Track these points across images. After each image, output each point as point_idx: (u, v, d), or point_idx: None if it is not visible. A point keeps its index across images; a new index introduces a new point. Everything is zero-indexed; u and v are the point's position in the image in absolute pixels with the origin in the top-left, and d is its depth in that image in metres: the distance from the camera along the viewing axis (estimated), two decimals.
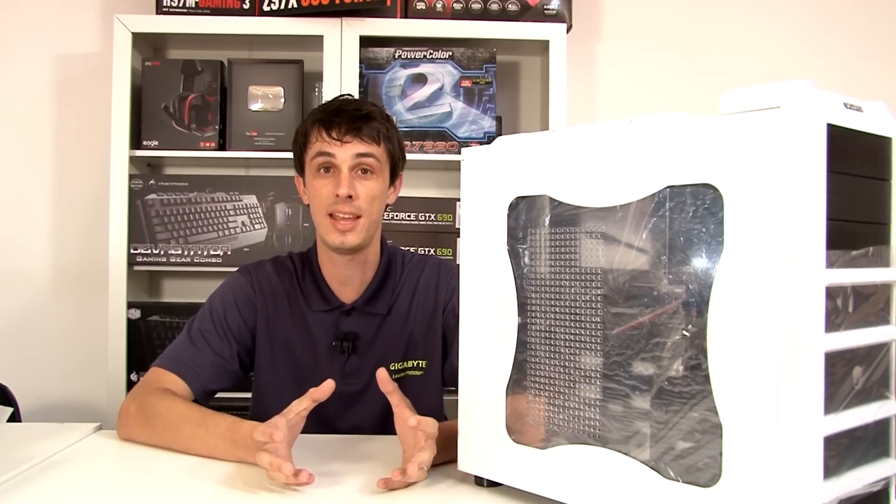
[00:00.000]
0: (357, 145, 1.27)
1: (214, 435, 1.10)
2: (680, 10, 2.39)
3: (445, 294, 1.37)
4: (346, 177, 1.26)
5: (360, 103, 1.32)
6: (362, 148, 1.27)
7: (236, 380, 1.33)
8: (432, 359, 1.37)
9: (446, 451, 1.08)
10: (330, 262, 1.34)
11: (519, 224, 0.92)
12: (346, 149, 1.27)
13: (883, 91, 2.32)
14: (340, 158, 1.27)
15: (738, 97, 0.71)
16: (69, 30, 2.33)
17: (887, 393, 0.74)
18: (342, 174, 1.26)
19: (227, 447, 1.09)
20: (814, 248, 0.66)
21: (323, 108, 1.31)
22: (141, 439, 1.18)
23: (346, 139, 1.26)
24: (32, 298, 2.32)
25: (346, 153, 1.27)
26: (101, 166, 2.18)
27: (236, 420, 1.11)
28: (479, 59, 2.14)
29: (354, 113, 1.28)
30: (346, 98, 1.34)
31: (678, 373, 0.75)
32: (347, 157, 1.27)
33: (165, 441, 1.15)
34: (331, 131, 1.27)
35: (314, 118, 1.31)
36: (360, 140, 1.27)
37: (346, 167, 1.27)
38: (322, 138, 1.27)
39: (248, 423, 1.09)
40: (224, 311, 1.33)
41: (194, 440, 1.12)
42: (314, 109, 1.35)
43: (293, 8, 2.08)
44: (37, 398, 2.24)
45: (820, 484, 0.67)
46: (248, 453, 1.05)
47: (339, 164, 1.27)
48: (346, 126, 1.27)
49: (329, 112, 1.29)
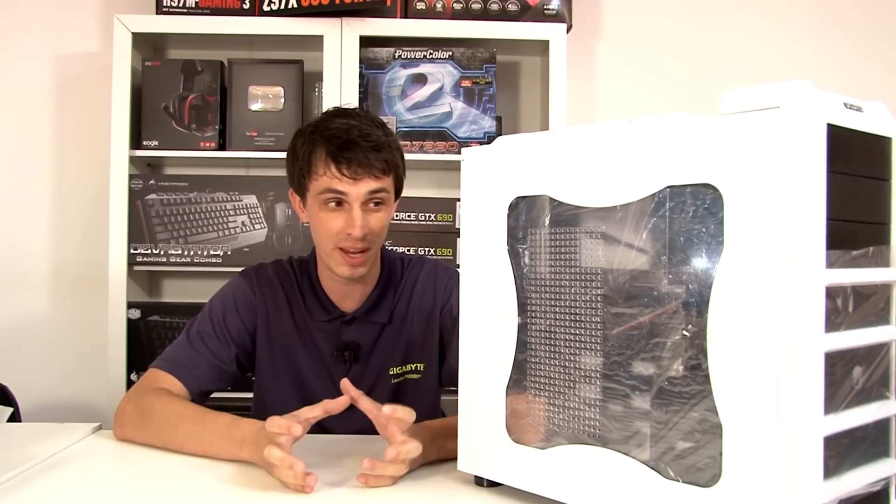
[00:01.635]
0: (369, 182, 1.22)
1: (212, 432, 1.10)
2: (680, 11, 2.39)
3: (442, 296, 1.37)
4: (360, 216, 1.22)
5: (369, 132, 1.23)
6: (374, 185, 1.22)
7: (234, 381, 1.33)
8: (430, 361, 1.37)
9: (444, 448, 1.09)
10: (330, 277, 1.33)
11: (519, 224, 0.92)
12: (359, 186, 1.21)
13: (883, 91, 2.32)
14: (353, 196, 1.22)
15: (737, 97, 0.71)
16: (69, 30, 2.33)
17: (887, 393, 0.74)
18: (354, 212, 1.22)
19: (224, 444, 1.08)
20: (814, 248, 0.66)
21: (329, 136, 1.22)
22: (137, 439, 1.18)
23: (358, 177, 1.21)
24: (32, 298, 2.32)
25: (359, 190, 1.22)
26: (100, 166, 2.18)
27: (235, 418, 1.10)
28: (479, 59, 2.14)
29: (365, 145, 1.21)
30: (350, 120, 1.25)
31: (678, 373, 0.75)
32: (361, 195, 1.22)
33: (162, 440, 1.15)
34: (341, 168, 1.21)
35: (322, 148, 1.23)
36: (372, 177, 1.22)
37: (358, 204, 1.22)
38: (332, 174, 1.21)
39: (247, 420, 1.09)
40: (223, 314, 1.32)
41: (191, 438, 1.11)
42: (318, 131, 1.25)
43: (293, 8, 2.08)
44: (37, 398, 2.24)
45: (820, 484, 0.67)
46: (246, 449, 1.05)
47: (350, 201, 1.23)
48: (357, 163, 1.20)
49: (339, 145, 1.21)
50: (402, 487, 1.00)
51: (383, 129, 1.27)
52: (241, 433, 1.07)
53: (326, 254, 1.28)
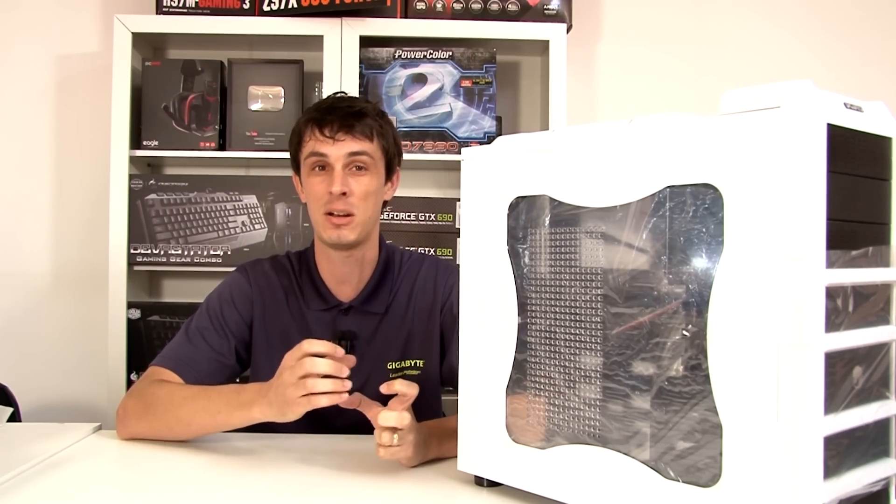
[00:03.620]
0: (350, 143, 1.27)
1: (219, 402, 1.12)
2: (680, 11, 2.39)
3: (443, 293, 1.37)
4: (340, 174, 1.26)
5: (352, 100, 1.32)
6: (355, 146, 1.27)
7: (234, 375, 1.34)
8: (430, 358, 1.37)
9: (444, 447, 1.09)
10: (327, 260, 1.34)
11: (519, 224, 0.92)
12: (339, 147, 1.27)
13: (883, 91, 2.32)
14: (333, 157, 1.27)
15: (738, 97, 0.71)
16: (69, 30, 2.33)
17: (887, 393, 0.74)
18: (335, 172, 1.26)
19: (233, 409, 1.11)
20: (814, 248, 0.66)
21: (316, 107, 1.31)
22: (142, 430, 1.19)
23: (338, 137, 1.26)
24: (32, 298, 2.32)
25: (339, 151, 1.27)
26: (101, 166, 2.18)
27: (240, 385, 1.14)
28: (479, 59, 2.14)
29: (347, 110, 1.28)
30: (340, 95, 1.35)
31: (678, 373, 0.75)
32: (340, 155, 1.27)
33: (167, 423, 1.16)
34: (323, 129, 1.27)
35: (307, 117, 1.31)
36: (352, 137, 1.27)
37: (340, 165, 1.27)
38: (315, 137, 1.27)
39: (249, 385, 1.12)
40: (221, 309, 1.33)
41: (198, 412, 1.14)
42: (308, 108, 1.35)
43: (293, 8, 2.08)
44: (37, 398, 2.24)
45: (820, 484, 0.67)
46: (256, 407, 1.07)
47: (332, 162, 1.27)
48: (338, 124, 1.26)
49: (322, 110, 1.29)
50: (402, 487, 1.00)
51: (372, 104, 1.34)
52: (248, 394, 1.09)
53: (316, 222, 1.31)
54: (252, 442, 1.21)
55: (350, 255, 1.32)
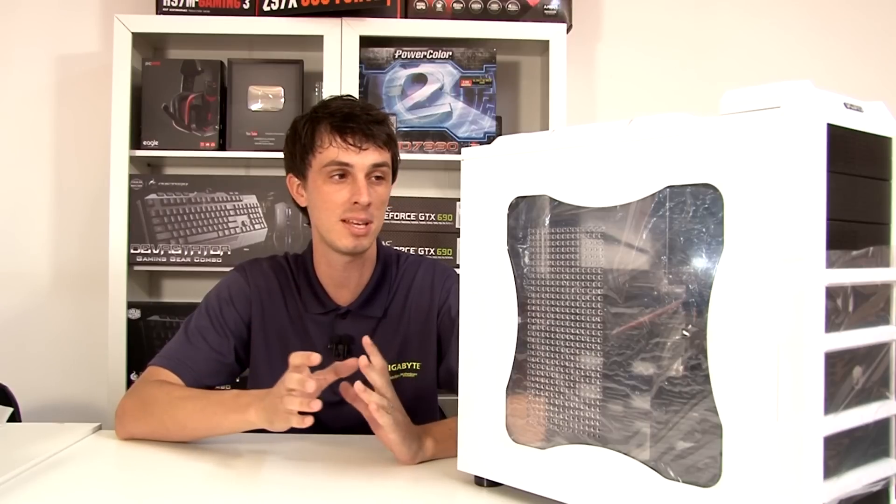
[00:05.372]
0: (373, 153, 1.26)
1: (216, 404, 1.13)
2: (680, 11, 2.39)
3: (440, 296, 1.37)
4: (364, 185, 1.25)
5: (369, 107, 1.30)
6: (378, 157, 1.26)
7: (233, 375, 1.34)
8: (427, 361, 1.37)
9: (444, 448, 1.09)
10: (327, 264, 1.34)
11: (519, 224, 0.92)
12: (364, 156, 1.25)
13: (883, 91, 2.32)
14: (358, 166, 1.25)
15: (738, 97, 0.71)
16: (69, 30, 2.33)
17: (887, 393, 0.74)
18: (359, 181, 1.25)
19: (229, 412, 1.11)
20: (814, 248, 0.66)
21: (331, 113, 1.28)
22: (140, 431, 1.19)
23: (363, 147, 1.25)
24: (32, 298, 2.31)
25: (364, 161, 1.25)
26: (100, 166, 2.18)
27: (238, 391, 1.14)
28: (479, 59, 2.14)
29: (367, 118, 1.26)
30: (350, 99, 1.32)
31: (678, 373, 0.75)
32: (365, 165, 1.25)
33: (164, 425, 1.16)
34: (346, 138, 1.25)
35: (326, 122, 1.27)
36: (375, 147, 1.26)
37: (363, 174, 1.26)
38: (338, 144, 1.25)
39: (250, 391, 1.13)
40: (220, 308, 1.33)
41: (194, 413, 1.14)
42: (316, 112, 1.30)
43: (293, 8, 2.08)
44: (37, 398, 2.24)
45: (820, 484, 0.67)
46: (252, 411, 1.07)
47: (355, 172, 1.25)
48: (361, 133, 1.25)
49: (341, 117, 1.26)
50: (402, 487, 1.00)
51: (380, 110, 1.33)
52: (245, 399, 1.09)
53: (328, 229, 1.28)
54: (251, 442, 1.21)
55: (353, 260, 1.32)
